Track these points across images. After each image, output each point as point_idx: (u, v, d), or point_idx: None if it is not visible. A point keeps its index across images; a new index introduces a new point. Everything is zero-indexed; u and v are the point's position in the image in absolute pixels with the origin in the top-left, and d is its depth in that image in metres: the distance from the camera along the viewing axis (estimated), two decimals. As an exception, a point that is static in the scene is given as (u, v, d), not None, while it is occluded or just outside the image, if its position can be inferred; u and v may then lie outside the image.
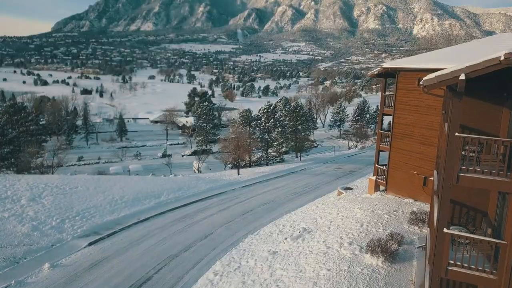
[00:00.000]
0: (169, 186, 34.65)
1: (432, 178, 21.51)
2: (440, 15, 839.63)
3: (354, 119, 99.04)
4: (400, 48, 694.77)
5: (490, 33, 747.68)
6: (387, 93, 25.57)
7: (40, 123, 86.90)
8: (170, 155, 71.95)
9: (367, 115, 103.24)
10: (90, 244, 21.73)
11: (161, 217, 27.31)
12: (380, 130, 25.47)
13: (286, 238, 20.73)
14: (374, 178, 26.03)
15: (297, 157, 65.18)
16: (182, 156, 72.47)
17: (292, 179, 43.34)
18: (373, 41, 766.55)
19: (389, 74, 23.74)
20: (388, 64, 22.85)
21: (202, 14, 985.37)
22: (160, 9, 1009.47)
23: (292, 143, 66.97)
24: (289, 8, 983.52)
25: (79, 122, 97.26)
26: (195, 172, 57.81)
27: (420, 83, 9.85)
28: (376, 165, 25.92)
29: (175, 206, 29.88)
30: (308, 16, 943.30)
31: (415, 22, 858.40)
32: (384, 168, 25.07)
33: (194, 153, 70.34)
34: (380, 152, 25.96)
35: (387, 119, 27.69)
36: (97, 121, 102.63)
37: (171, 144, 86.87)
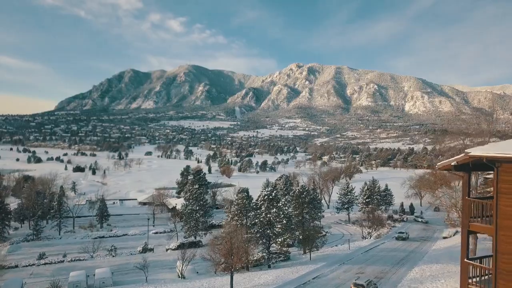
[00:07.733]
0: (126, 326, 23.23)
1: None
2: (430, 93, 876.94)
3: (364, 201, 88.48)
4: (394, 124, 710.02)
5: (479, 109, 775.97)
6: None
7: (10, 209, 76.58)
8: (151, 250, 60.28)
9: (378, 196, 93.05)
10: None
11: None
12: (466, 260, 15.33)
13: None
14: None
15: (305, 253, 53.59)
16: (166, 250, 60.53)
17: (305, 297, 31.83)
18: (367, 117, 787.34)
19: (478, 166, 14.51)
20: (480, 151, 13.66)
21: (202, 93, 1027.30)
22: (161, 89, 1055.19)
23: (298, 233, 55.93)
24: (285, 87, 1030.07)
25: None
26: (178, 276, 45.89)
27: None
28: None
29: None
30: (303, 94, 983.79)
31: (406, 100, 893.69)
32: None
33: (181, 246, 58.76)
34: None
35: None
36: (76, 204, 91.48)
37: (156, 233, 75.04)
